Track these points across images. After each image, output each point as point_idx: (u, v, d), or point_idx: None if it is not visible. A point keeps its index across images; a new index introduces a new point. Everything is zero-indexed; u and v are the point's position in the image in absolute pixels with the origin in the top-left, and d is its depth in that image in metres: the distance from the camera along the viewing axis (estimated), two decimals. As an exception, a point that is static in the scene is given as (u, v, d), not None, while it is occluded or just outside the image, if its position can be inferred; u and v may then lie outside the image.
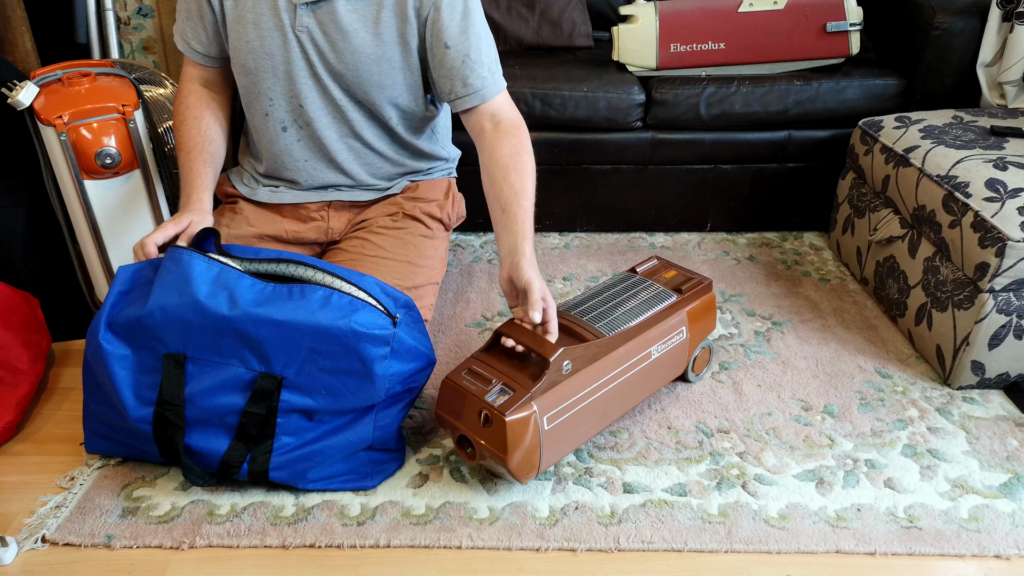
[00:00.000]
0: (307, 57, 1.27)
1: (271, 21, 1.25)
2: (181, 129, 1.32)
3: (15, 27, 1.92)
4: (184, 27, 1.32)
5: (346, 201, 1.43)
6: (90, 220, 1.42)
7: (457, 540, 1.09)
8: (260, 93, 1.32)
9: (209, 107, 1.35)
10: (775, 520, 1.13)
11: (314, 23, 1.24)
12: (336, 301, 1.08)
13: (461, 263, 1.87)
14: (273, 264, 1.16)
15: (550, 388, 1.11)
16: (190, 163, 1.29)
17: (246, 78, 1.31)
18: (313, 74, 1.29)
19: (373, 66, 1.27)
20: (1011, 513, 1.14)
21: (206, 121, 1.33)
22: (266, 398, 1.09)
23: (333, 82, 1.29)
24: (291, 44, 1.26)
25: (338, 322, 1.06)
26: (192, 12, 1.30)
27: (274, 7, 1.24)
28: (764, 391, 1.41)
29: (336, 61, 1.27)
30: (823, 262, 1.88)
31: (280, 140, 1.36)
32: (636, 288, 1.33)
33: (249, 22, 1.26)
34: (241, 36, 1.27)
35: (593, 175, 1.94)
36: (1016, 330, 1.33)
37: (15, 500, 1.18)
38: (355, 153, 1.38)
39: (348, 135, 1.36)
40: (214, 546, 1.09)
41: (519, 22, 2.09)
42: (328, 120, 1.34)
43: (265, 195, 1.42)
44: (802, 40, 1.87)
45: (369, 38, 1.25)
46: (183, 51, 1.35)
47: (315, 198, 1.42)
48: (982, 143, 1.50)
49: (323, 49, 1.26)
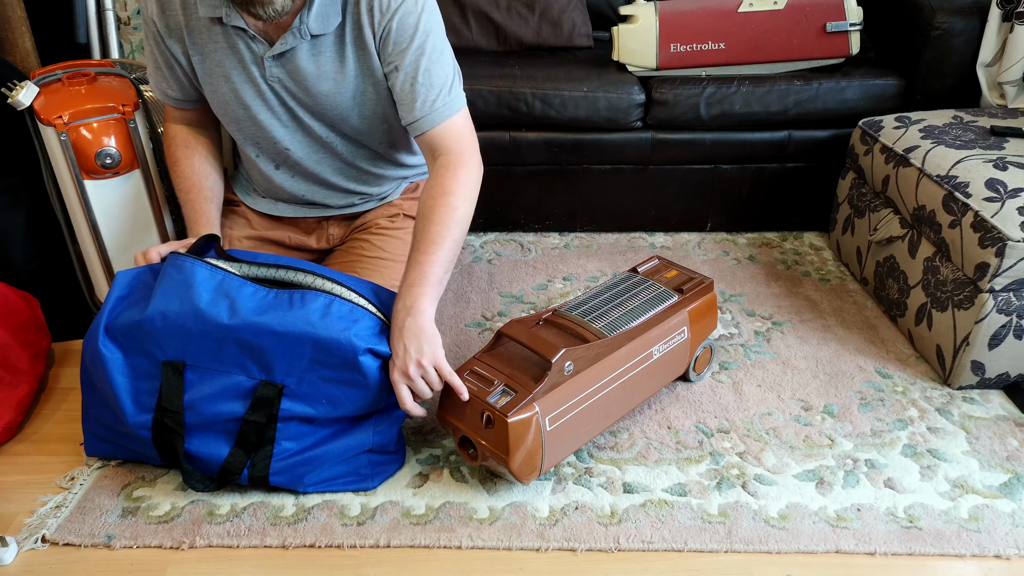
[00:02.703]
0: (285, 104, 1.25)
1: (242, 75, 1.22)
2: (175, 171, 1.32)
3: (15, 27, 1.92)
4: (156, 76, 1.29)
5: (346, 214, 1.44)
6: (90, 220, 1.41)
7: (457, 540, 1.09)
8: (246, 138, 1.31)
9: (198, 145, 1.34)
10: (775, 520, 1.13)
11: (283, 73, 1.21)
12: (336, 310, 1.08)
13: (461, 263, 1.87)
14: (273, 269, 1.15)
15: (552, 389, 1.11)
16: (191, 202, 1.29)
17: (229, 125, 1.30)
18: (294, 118, 1.27)
19: (350, 101, 1.24)
20: (1011, 513, 1.14)
21: (197, 159, 1.33)
22: (266, 406, 1.09)
23: (316, 122, 1.27)
24: (266, 95, 1.23)
25: (339, 334, 1.06)
26: (160, 64, 1.26)
27: (241, 61, 1.21)
28: (764, 391, 1.41)
29: (313, 104, 1.24)
30: (823, 262, 1.88)
31: (275, 176, 1.35)
32: (637, 288, 1.33)
33: (219, 75, 1.23)
34: (216, 89, 1.24)
35: (593, 175, 1.94)
36: (1016, 330, 1.33)
37: (15, 500, 1.18)
38: (352, 179, 1.37)
39: (342, 166, 1.35)
40: (214, 546, 1.09)
41: (519, 22, 2.09)
42: (319, 157, 1.32)
43: (265, 207, 1.42)
44: (802, 40, 1.87)
45: (339, 77, 1.22)
46: (160, 99, 1.33)
47: (314, 214, 1.42)
48: (982, 143, 1.50)
49: (298, 95, 1.23)
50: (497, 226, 2.02)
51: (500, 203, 1.98)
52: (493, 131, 1.86)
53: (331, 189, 1.38)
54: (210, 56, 1.22)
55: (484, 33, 2.10)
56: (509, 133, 1.87)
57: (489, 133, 1.85)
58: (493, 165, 1.90)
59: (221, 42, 1.20)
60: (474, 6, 2.07)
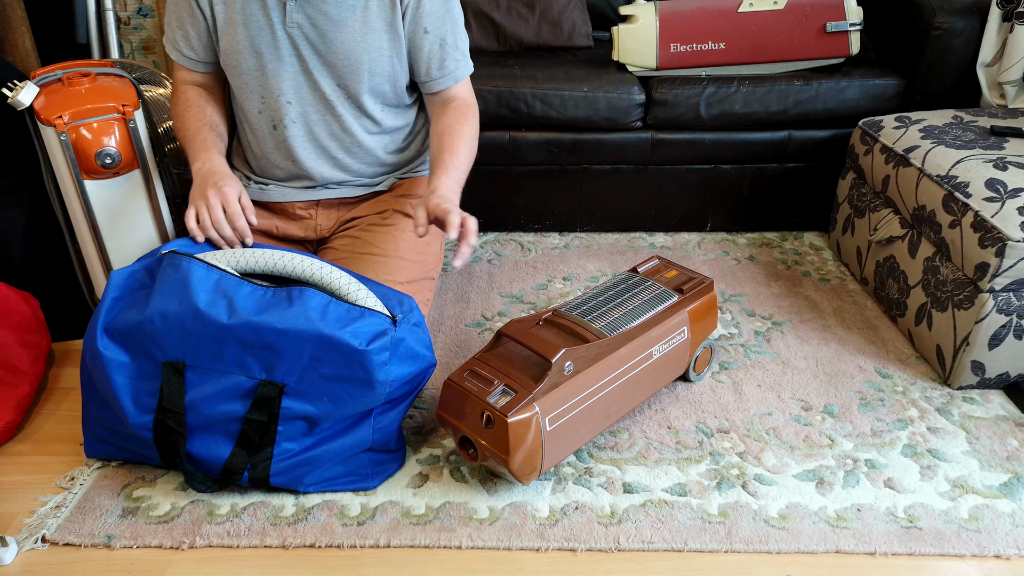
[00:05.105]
0: (298, 52, 1.28)
1: (261, 20, 1.26)
2: (184, 116, 1.32)
3: (15, 27, 1.92)
4: (175, 36, 1.33)
5: (334, 199, 1.44)
6: (90, 220, 1.41)
7: (457, 540, 1.09)
8: (251, 92, 1.33)
9: (208, 102, 1.37)
10: (775, 520, 1.13)
11: (304, 18, 1.25)
12: (335, 308, 1.08)
13: (461, 263, 1.87)
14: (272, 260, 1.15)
15: (552, 389, 1.11)
16: (201, 135, 1.29)
17: (237, 78, 1.32)
18: (304, 69, 1.30)
19: (363, 54, 1.28)
20: (1011, 513, 1.14)
21: (208, 109, 1.35)
22: (268, 405, 1.09)
23: (325, 74, 1.30)
24: (281, 41, 1.27)
25: (338, 331, 1.06)
26: (184, 19, 1.30)
27: (263, 5, 1.25)
28: (764, 391, 1.41)
29: (327, 52, 1.28)
30: (823, 262, 1.88)
31: (272, 137, 1.37)
32: (637, 288, 1.33)
33: (239, 23, 1.27)
34: (232, 37, 1.28)
35: (593, 175, 1.94)
36: (1016, 330, 1.33)
37: (15, 500, 1.18)
38: (343, 148, 1.39)
39: (338, 131, 1.37)
40: (214, 546, 1.09)
41: (519, 22, 2.09)
42: (317, 117, 1.34)
43: (255, 193, 1.43)
44: (802, 40, 1.87)
45: (358, 27, 1.27)
46: (175, 59, 1.36)
47: (303, 197, 1.42)
48: (982, 143, 1.50)
49: (314, 42, 1.27)
50: (497, 226, 2.02)
51: (500, 203, 1.98)
52: (493, 131, 1.86)
53: (322, 156, 1.39)
54: (232, 2, 1.26)
55: (484, 33, 2.10)
56: (509, 133, 1.87)
57: (489, 133, 1.85)
58: (493, 165, 1.91)
59: None
60: (474, 6, 2.07)
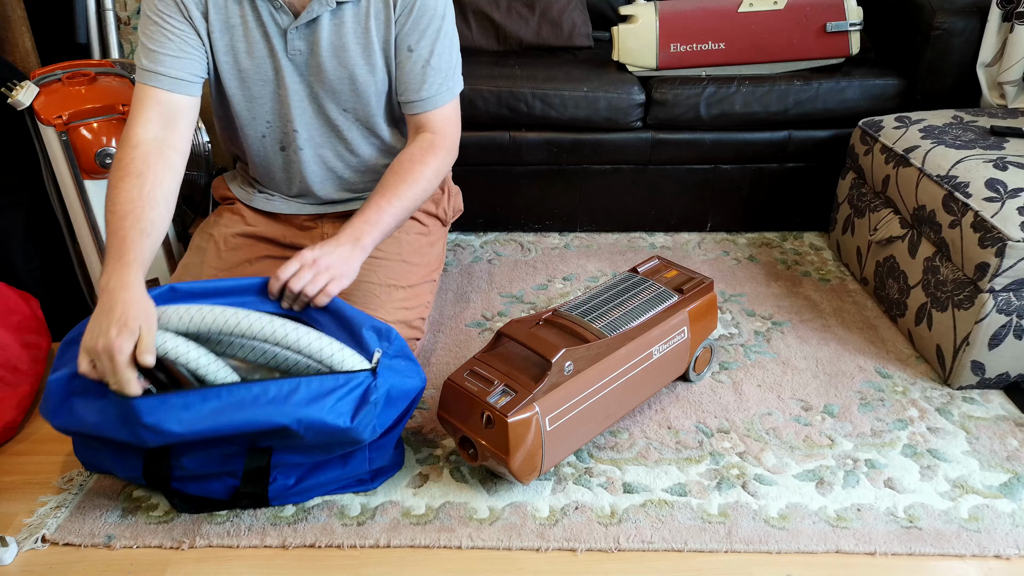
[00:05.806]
0: (304, 79, 1.25)
1: (263, 48, 1.22)
2: (118, 186, 1.09)
3: (15, 27, 1.92)
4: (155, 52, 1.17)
5: (340, 212, 1.43)
6: (90, 220, 1.41)
7: (457, 540, 1.09)
8: (256, 118, 1.30)
9: (159, 160, 1.13)
10: (775, 520, 1.13)
11: (305, 45, 1.22)
12: (304, 391, 1.01)
13: (461, 263, 1.87)
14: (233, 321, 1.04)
15: (552, 389, 1.11)
16: (123, 231, 1.05)
17: (242, 104, 1.28)
18: (311, 94, 1.27)
19: (368, 76, 1.25)
20: (1011, 513, 1.14)
21: (151, 181, 1.11)
22: (258, 461, 1.08)
23: (330, 101, 1.27)
24: (284, 69, 1.23)
25: (318, 413, 1.00)
26: (169, 36, 1.17)
27: (264, 35, 1.21)
28: (764, 391, 1.41)
29: (332, 78, 1.25)
30: (823, 262, 1.88)
31: (278, 160, 1.35)
32: (637, 288, 1.33)
33: (242, 51, 1.22)
34: (234, 64, 1.24)
35: (593, 175, 1.94)
36: (1016, 330, 1.33)
37: (15, 500, 1.18)
38: (351, 168, 1.37)
39: (345, 153, 1.35)
40: (214, 546, 1.09)
41: (519, 22, 2.09)
42: (323, 140, 1.32)
43: (261, 202, 1.41)
44: (802, 40, 1.87)
45: (359, 50, 1.23)
46: (146, 82, 1.17)
47: (310, 211, 1.41)
48: (982, 143, 1.50)
49: (316, 68, 1.24)
50: (497, 226, 2.02)
51: (500, 203, 1.98)
52: (493, 131, 1.86)
53: (329, 179, 1.37)
54: (234, 30, 1.21)
55: (484, 33, 2.10)
56: (509, 133, 1.87)
57: (489, 133, 1.86)
58: (493, 165, 1.91)
59: (246, 14, 1.20)
60: (474, 6, 2.07)
